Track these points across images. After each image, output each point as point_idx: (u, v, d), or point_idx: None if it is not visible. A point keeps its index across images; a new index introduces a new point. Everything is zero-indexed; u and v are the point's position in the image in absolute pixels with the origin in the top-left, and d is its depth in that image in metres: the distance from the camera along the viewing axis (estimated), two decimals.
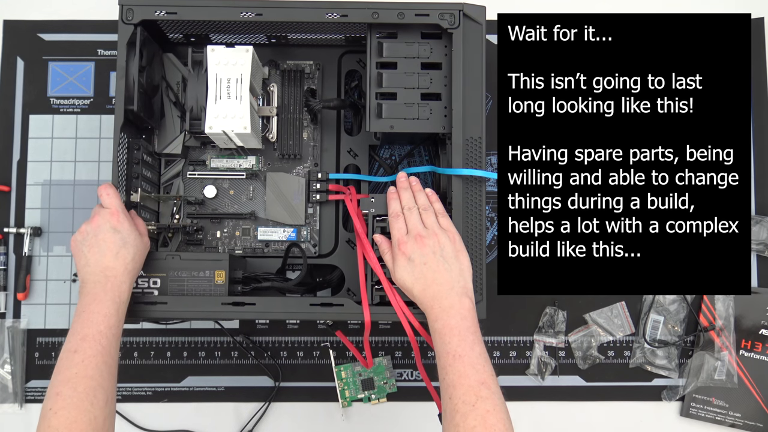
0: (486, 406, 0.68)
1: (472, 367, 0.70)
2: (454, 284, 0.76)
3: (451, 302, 0.74)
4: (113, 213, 0.77)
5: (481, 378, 0.70)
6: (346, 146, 0.94)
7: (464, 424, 0.67)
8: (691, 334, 0.97)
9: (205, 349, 0.96)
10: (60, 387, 0.68)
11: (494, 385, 0.70)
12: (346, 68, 0.95)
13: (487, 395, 0.69)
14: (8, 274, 0.97)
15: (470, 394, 0.69)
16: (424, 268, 0.76)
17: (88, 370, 0.69)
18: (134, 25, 0.82)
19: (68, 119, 0.99)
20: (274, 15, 0.83)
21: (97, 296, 0.74)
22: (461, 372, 0.70)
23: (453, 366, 0.71)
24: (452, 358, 0.71)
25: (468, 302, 0.75)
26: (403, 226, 0.78)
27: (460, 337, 0.72)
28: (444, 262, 0.76)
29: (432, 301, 0.75)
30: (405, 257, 0.77)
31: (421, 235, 0.77)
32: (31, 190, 0.98)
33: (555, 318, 0.97)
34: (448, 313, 0.74)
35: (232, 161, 0.92)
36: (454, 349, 0.72)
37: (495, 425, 0.67)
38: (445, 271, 0.76)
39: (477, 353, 0.72)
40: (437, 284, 0.75)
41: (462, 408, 0.68)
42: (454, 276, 0.76)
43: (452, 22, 0.82)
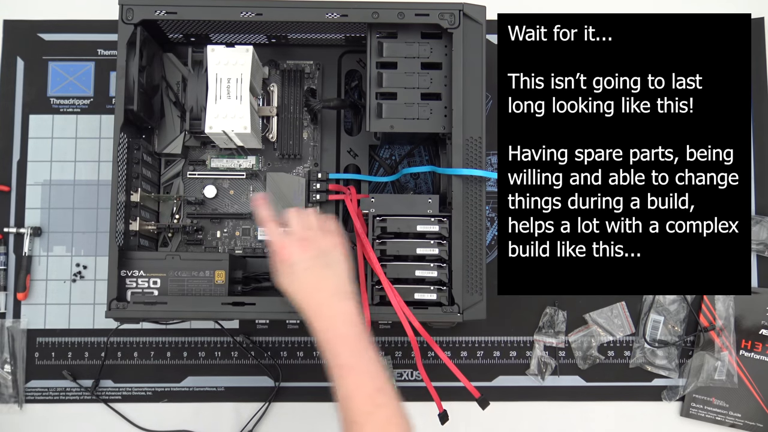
0: (384, 413, 0.67)
1: (368, 375, 0.69)
2: (337, 289, 0.73)
3: (336, 310, 0.72)
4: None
5: (377, 385, 0.68)
6: (346, 146, 0.94)
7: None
8: (691, 334, 0.97)
9: (205, 349, 0.96)
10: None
11: (390, 389, 0.69)
12: (346, 68, 0.95)
13: (383, 402, 0.68)
14: (8, 274, 0.97)
15: (367, 404, 0.67)
16: (307, 274, 0.73)
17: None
18: (134, 25, 0.82)
19: (68, 119, 0.99)
20: (274, 15, 0.83)
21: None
22: (357, 383, 0.68)
23: (347, 378, 0.69)
24: (346, 370, 0.69)
25: (353, 306, 0.73)
26: (280, 229, 0.76)
27: (352, 347, 0.70)
28: (327, 268, 0.74)
29: (316, 309, 0.72)
30: (286, 263, 0.74)
31: (304, 238, 0.75)
32: (31, 190, 0.98)
33: (555, 318, 0.97)
34: (334, 323, 0.71)
35: (232, 161, 0.92)
36: (346, 360, 0.69)
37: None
38: (328, 277, 0.74)
39: (369, 360, 0.70)
40: (321, 291, 0.73)
41: (359, 418, 0.67)
42: (337, 279, 0.74)
43: (452, 22, 0.82)
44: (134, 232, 0.86)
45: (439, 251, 0.81)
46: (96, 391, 0.95)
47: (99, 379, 0.95)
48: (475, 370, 0.96)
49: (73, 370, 0.95)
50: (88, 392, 0.95)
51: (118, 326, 0.94)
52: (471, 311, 0.81)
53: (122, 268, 0.83)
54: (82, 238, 0.97)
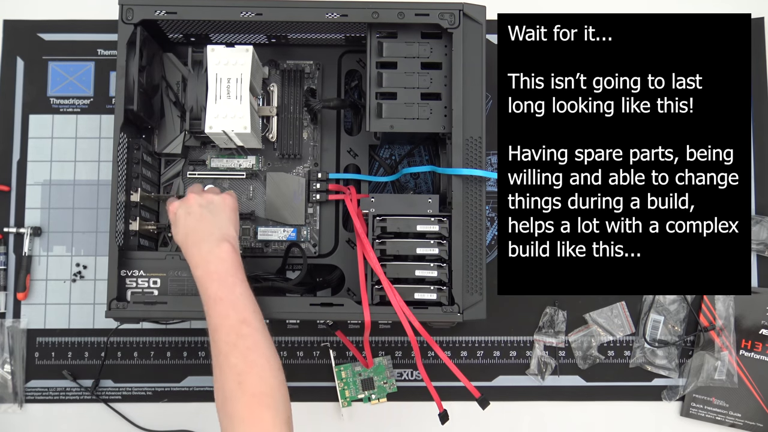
0: (247, 344, 0.70)
1: (233, 307, 0.72)
2: (214, 230, 0.77)
3: (210, 248, 0.75)
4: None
5: (241, 317, 0.71)
6: (346, 146, 0.94)
7: (226, 363, 0.69)
8: (691, 334, 0.97)
9: (205, 349, 0.96)
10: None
11: (256, 321, 0.72)
12: (346, 68, 0.95)
13: (248, 332, 0.71)
14: (8, 274, 0.97)
15: (231, 334, 0.70)
16: (188, 219, 0.78)
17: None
18: (134, 24, 0.82)
19: (68, 119, 0.99)
20: (274, 15, 0.83)
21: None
22: (222, 314, 0.72)
23: (214, 309, 0.72)
24: (213, 302, 0.72)
25: (227, 246, 0.76)
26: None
27: (220, 281, 0.73)
28: (209, 213, 0.78)
29: (192, 249, 0.76)
30: (174, 215, 0.79)
31: (192, 193, 0.80)
32: (31, 190, 0.98)
33: (555, 318, 0.97)
34: (207, 259, 0.75)
35: (232, 161, 0.92)
36: (214, 293, 0.73)
37: (256, 361, 0.69)
38: (208, 220, 0.78)
39: (237, 294, 0.73)
40: (198, 232, 0.77)
41: (224, 348, 0.70)
42: (216, 223, 0.78)
43: (452, 22, 0.82)
44: (134, 232, 0.86)
45: (439, 251, 0.81)
46: (96, 391, 0.95)
47: (99, 379, 0.95)
48: (475, 370, 0.96)
49: (73, 370, 0.95)
50: (88, 392, 0.95)
51: (118, 326, 0.94)
52: (471, 311, 0.81)
53: (122, 268, 0.83)
54: (82, 238, 0.97)
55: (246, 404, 0.67)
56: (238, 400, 0.67)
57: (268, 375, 0.69)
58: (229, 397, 0.68)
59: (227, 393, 0.68)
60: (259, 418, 0.67)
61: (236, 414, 0.67)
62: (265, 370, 0.70)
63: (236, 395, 0.68)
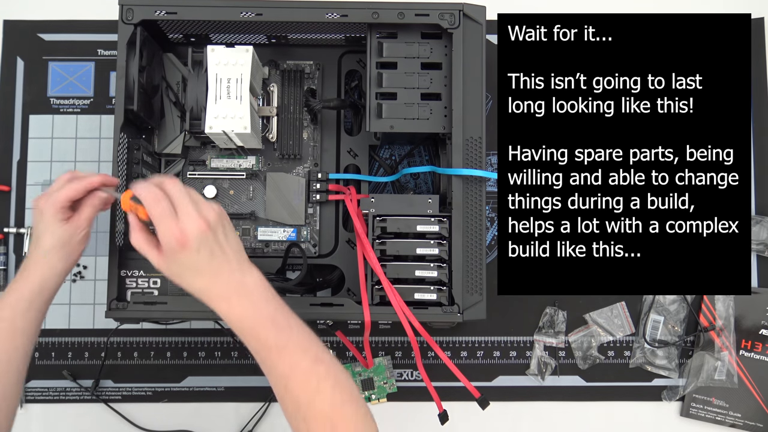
0: (330, 383, 0.63)
1: (301, 350, 0.64)
2: (243, 264, 0.66)
3: (249, 288, 0.65)
4: (44, 197, 0.72)
5: (312, 356, 0.64)
6: (346, 146, 0.94)
7: (312, 413, 0.62)
8: (691, 334, 0.97)
9: (205, 349, 0.96)
10: None
11: (325, 354, 0.65)
12: (346, 68, 0.95)
13: (325, 370, 0.63)
14: (8, 274, 0.97)
15: (311, 380, 0.63)
16: (212, 258, 0.64)
17: None
18: (134, 25, 0.82)
19: (68, 119, 0.99)
20: (274, 15, 0.83)
21: (10, 284, 0.72)
22: (292, 363, 0.63)
23: (280, 359, 0.63)
24: (276, 352, 0.64)
25: (258, 276, 0.66)
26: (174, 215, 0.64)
27: (275, 326, 0.64)
28: (228, 243, 0.66)
29: (226, 293, 0.65)
30: (190, 251, 0.63)
31: (201, 216, 0.64)
32: (31, 190, 0.98)
33: (555, 318, 0.97)
34: (252, 302, 0.65)
35: (232, 161, 0.92)
36: (274, 342, 0.64)
37: (343, 399, 0.63)
38: (233, 252, 0.66)
39: (296, 331, 0.64)
40: (228, 273, 0.65)
41: (305, 397, 0.62)
42: (239, 255, 0.66)
43: (452, 22, 0.82)
44: None
45: (439, 251, 0.81)
46: (96, 391, 0.95)
47: (99, 379, 0.95)
48: (475, 370, 0.96)
49: (73, 370, 0.95)
50: (88, 392, 0.95)
51: (118, 326, 0.94)
52: (471, 311, 0.81)
53: (122, 268, 0.83)
54: None
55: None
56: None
57: (356, 406, 0.64)
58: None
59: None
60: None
61: None
62: (353, 403, 0.64)
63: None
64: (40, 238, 0.72)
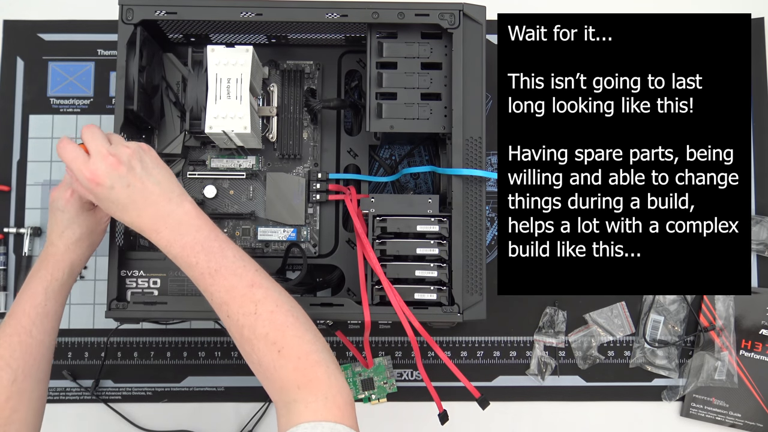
0: (268, 307, 0.65)
1: (235, 275, 0.66)
2: (170, 195, 0.69)
3: (178, 217, 0.68)
4: (63, 189, 0.75)
5: (248, 281, 0.66)
6: (346, 146, 0.94)
7: (255, 336, 0.64)
8: (691, 334, 0.97)
9: (205, 349, 0.96)
10: None
11: (262, 278, 0.67)
12: (346, 68, 0.95)
13: (262, 294, 0.65)
14: (8, 274, 0.97)
15: (247, 304, 0.65)
16: (131, 192, 0.68)
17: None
18: (134, 25, 0.82)
19: (68, 119, 0.99)
20: (274, 15, 0.83)
21: (34, 273, 0.74)
22: (226, 287, 0.66)
23: (214, 285, 0.66)
24: (210, 277, 0.66)
25: (190, 206, 0.69)
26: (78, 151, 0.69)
27: (206, 252, 0.67)
28: (149, 176, 0.69)
29: (153, 225, 0.68)
30: (104, 188, 0.68)
31: (111, 153, 0.68)
32: (31, 190, 0.98)
33: (555, 318, 0.97)
34: (180, 231, 0.68)
35: (232, 161, 0.92)
36: (205, 267, 0.66)
37: (285, 321, 0.64)
38: (154, 184, 0.69)
39: (231, 257, 0.67)
40: (153, 204, 0.68)
41: (246, 321, 0.64)
42: (165, 186, 0.69)
43: (452, 22, 0.82)
44: (134, 232, 0.86)
45: (439, 251, 0.81)
46: (96, 391, 0.95)
47: (99, 379, 0.95)
48: (475, 370, 0.96)
49: (73, 370, 0.95)
50: (88, 392, 0.95)
51: (118, 326, 0.94)
52: (471, 311, 0.81)
53: (122, 268, 0.83)
54: None
55: (294, 369, 0.63)
56: (284, 368, 0.63)
57: (302, 330, 0.65)
58: (273, 369, 0.63)
59: (269, 366, 0.64)
60: (313, 377, 0.63)
61: (289, 383, 0.63)
62: (297, 327, 0.65)
63: (280, 364, 0.63)
64: (68, 228, 0.75)
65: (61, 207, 0.75)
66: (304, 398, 0.62)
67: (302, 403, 0.62)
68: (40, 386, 0.72)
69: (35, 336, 0.72)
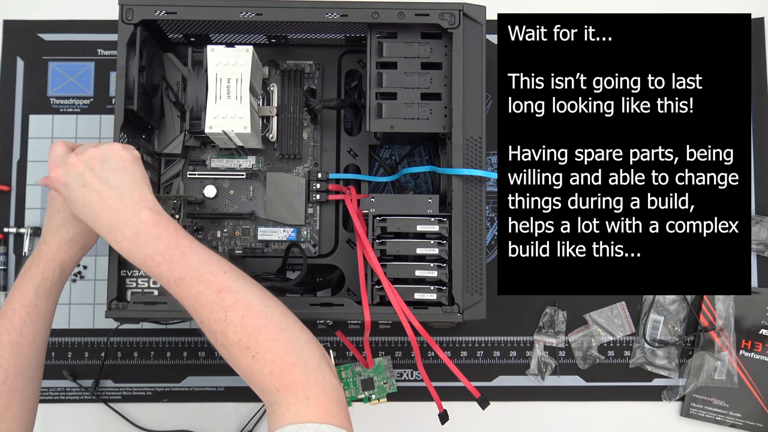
0: (238, 312, 0.63)
1: (200, 281, 0.64)
2: (128, 202, 0.67)
3: (134, 227, 0.66)
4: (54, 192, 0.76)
5: (215, 287, 0.64)
6: (346, 146, 0.94)
7: (228, 342, 0.63)
8: (691, 334, 0.97)
9: (205, 349, 0.96)
10: None
11: (231, 281, 0.65)
12: (346, 68, 0.95)
13: (231, 299, 0.64)
14: (8, 274, 0.97)
15: (216, 311, 0.63)
16: (87, 192, 0.67)
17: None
18: (134, 25, 0.82)
19: (68, 119, 0.99)
20: (274, 15, 0.83)
21: (25, 271, 0.75)
22: (193, 294, 0.64)
23: (181, 294, 0.65)
24: (175, 286, 0.65)
25: (149, 215, 0.66)
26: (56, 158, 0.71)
27: (168, 262, 0.65)
28: (106, 178, 0.67)
29: (111, 233, 0.67)
30: (62, 185, 0.69)
31: (75, 153, 0.69)
32: (31, 190, 0.98)
33: (555, 318, 0.97)
34: (137, 243, 0.66)
35: (232, 161, 0.92)
36: (169, 277, 0.65)
37: (257, 325, 0.63)
38: (110, 188, 0.67)
39: (195, 263, 0.65)
40: (109, 209, 0.66)
41: (218, 327, 0.63)
42: (123, 191, 0.67)
43: (452, 22, 0.82)
44: None
45: (439, 251, 0.82)
46: (96, 391, 0.95)
47: (99, 379, 0.95)
48: (475, 370, 0.96)
49: (73, 370, 0.95)
50: (88, 392, 0.95)
51: (118, 326, 0.94)
52: (471, 311, 0.81)
53: (122, 268, 0.83)
54: None
55: (270, 373, 0.62)
56: (261, 372, 0.62)
57: (276, 332, 0.63)
58: (252, 373, 0.63)
59: (246, 371, 0.63)
60: (291, 379, 0.61)
61: (267, 386, 0.62)
62: (270, 329, 0.63)
63: (256, 368, 0.62)
64: (62, 227, 0.75)
65: (57, 206, 0.76)
66: (285, 400, 0.62)
67: (284, 405, 0.61)
68: (31, 385, 0.72)
69: (26, 335, 0.72)
